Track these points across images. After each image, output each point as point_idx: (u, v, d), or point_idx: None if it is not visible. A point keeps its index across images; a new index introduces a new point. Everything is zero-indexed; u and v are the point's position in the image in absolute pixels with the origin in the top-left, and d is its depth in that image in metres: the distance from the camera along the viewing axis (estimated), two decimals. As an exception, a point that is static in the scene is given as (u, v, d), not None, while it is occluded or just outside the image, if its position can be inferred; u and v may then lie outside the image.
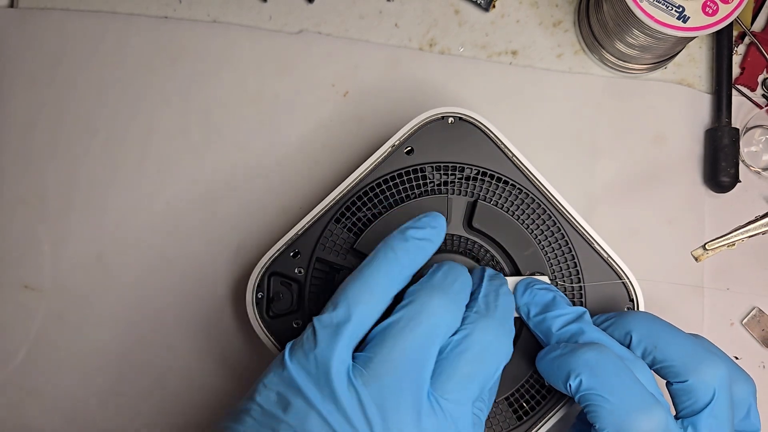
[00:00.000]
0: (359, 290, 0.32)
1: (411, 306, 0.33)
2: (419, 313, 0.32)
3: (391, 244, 0.34)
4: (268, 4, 0.51)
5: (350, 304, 0.32)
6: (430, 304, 0.33)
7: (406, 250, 0.33)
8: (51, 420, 0.47)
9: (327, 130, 0.49)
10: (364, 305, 0.32)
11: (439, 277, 0.34)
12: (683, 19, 0.43)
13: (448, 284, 0.34)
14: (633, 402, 0.33)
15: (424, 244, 0.34)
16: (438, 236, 0.35)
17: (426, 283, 0.34)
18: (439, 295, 0.33)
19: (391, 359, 0.31)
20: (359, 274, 0.33)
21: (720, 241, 0.48)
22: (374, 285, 0.33)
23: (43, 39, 0.50)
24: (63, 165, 0.49)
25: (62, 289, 0.48)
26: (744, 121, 0.50)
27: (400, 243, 0.34)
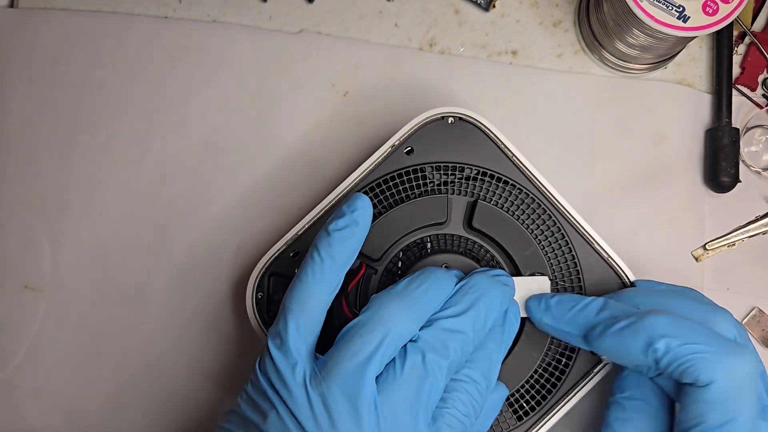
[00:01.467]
0: (292, 299, 0.34)
1: (366, 312, 0.34)
2: (371, 320, 0.33)
3: (315, 244, 0.35)
4: (268, 4, 0.51)
5: (287, 315, 0.34)
6: (382, 310, 0.33)
7: (329, 245, 0.34)
8: (51, 420, 0.47)
9: (327, 130, 0.49)
10: (298, 313, 0.33)
11: (401, 285, 0.35)
12: (683, 19, 0.43)
13: (410, 291, 0.34)
14: (728, 348, 0.34)
15: (347, 231, 0.34)
16: (361, 216, 0.35)
17: (388, 290, 0.35)
18: (395, 301, 0.34)
19: (340, 363, 0.32)
20: (293, 284, 0.34)
21: (720, 241, 0.48)
22: (304, 291, 0.34)
23: (43, 39, 0.50)
24: (63, 165, 0.49)
25: (62, 289, 0.48)
26: (744, 121, 0.50)
27: (323, 241, 0.34)
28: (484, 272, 0.37)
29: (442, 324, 0.34)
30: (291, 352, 0.33)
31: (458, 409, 0.35)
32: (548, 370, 0.41)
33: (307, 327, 0.34)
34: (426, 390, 0.33)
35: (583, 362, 0.41)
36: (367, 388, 0.32)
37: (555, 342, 0.41)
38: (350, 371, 0.32)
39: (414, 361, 0.33)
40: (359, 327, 0.33)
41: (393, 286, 0.35)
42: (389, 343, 0.33)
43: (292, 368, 0.33)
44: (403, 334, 0.33)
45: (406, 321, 0.33)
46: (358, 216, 0.35)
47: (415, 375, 0.33)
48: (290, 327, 0.33)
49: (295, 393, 0.32)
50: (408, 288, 0.34)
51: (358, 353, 0.32)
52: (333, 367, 0.32)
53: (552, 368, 0.41)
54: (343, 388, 0.32)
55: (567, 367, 0.41)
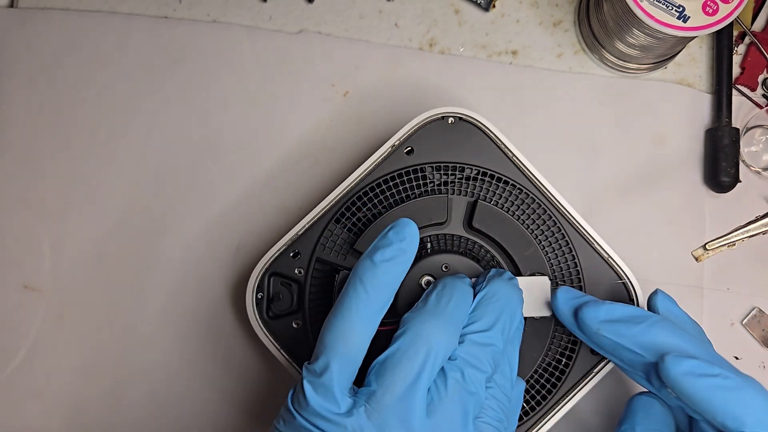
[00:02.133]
0: (335, 338, 0.32)
1: (405, 336, 0.33)
2: (414, 343, 0.32)
3: (360, 276, 0.33)
4: (268, 4, 0.51)
5: (329, 354, 0.32)
6: (423, 331, 0.32)
7: (375, 277, 0.32)
8: (51, 420, 0.47)
9: (327, 130, 0.49)
10: (343, 353, 0.32)
11: (432, 301, 0.34)
12: (683, 19, 0.43)
13: (442, 307, 0.34)
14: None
15: (394, 263, 0.33)
16: (410, 245, 0.34)
17: (420, 309, 0.34)
18: (432, 320, 0.33)
19: (391, 391, 0.31)
20: (334, 317, 0.33)
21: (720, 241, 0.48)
22: (349, 329, 0.32)
23: (44, 39, 0.50)
24: (63, 165, 0.49)
25: (62, 289, 0.48)
26: (744, 121, 0.50)
27: (369, 272, 0.33)
28: (500, 278, 0.37)
29: (475, 338, 0.34)
30: (334, 394, 0.31)
31: (492, 417, 0.35)
32: (548, 370, 0.41)
33: (350, 367, 0.32)
34: (470, 405, 0.33)
35: (583, 362, 0.41)
36: (419, 411, 0.32)
37: (555, 342, 0.41)
38: (402, 397, 0.31)
39: (455, 379, 0.33)
40: (403, 351, 0.32)
41: (422, 303, 0.34)
42: (434, 362, 0.32)
43: (336, 406, 0.31)
44: (446, 351, 0.33)
45: (446, 337, 0.33)
46: (406, 246, 0.33)
47: (457, 392, 0.33)
48: (333, 369, 0.31)
49: (346, 428, 0.31)
50: (440, 304, 0.34)
51: (407, 377, 0.31)
52: (383, 396, 0.31)
53: (552, 368, 0.41)
54: (398, 415, 0.31)
55: (567, 367, 0.41)
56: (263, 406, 0.47)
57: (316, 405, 0.31)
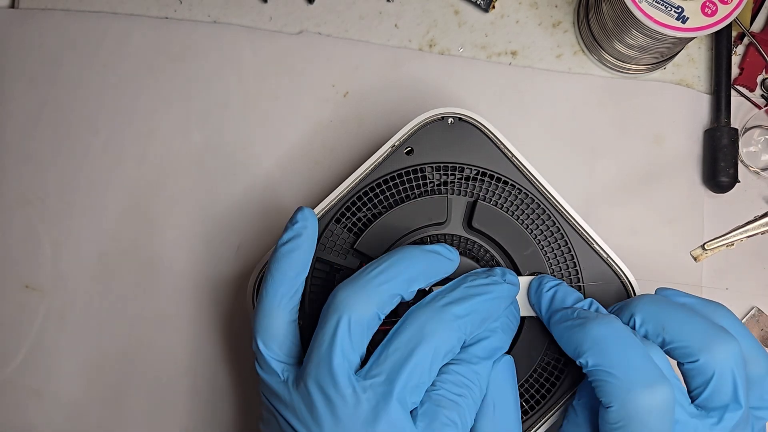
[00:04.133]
0: (258, 321, 0.36)
1: (325, 304, 0.35)
2: (326, 308, 0.34)
3: (268, 266, 0.36)
4: (268, 5, 0.51)
5: (257, 337, 0.36)
6: (333, 299, 0.34)
7: (277, 261, 0.36)
8: (51, 420, 0.47)
9: (327, 130, 0.49)
10: (266, 331, 0.35)
11: (360, 271, 0.35)
12: (682, 20, 0.43)
13: (364, 275, 0.35)
14: (638, 377, 0.34)
15: (291, 244, 0.35)
16: (304, 228, 0.36)
17: (347, 279, 0.35)
18: (348, 287, 0.34)
19: (311, 355, 0.34)
20: (256, 305, 0.36)
21: (719, 241, 0.48)
22: (265, 310, 0.35)
23: (44, 39, 0.50)
24: (64, 165, 0.49)
25: (63, 289, 0.48)
26: (743, 122, 0.50)
27: (272, 258, 0.36)
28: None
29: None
30: (271, 367, 0.35)
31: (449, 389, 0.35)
32: (547, 370, 0.41)
33: (275, 341, 0.35)
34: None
35: (583, 362, 0.41)
36: (340, 375, 0.33)
37: (554, 342, 0.41)
38: (317, 364, 0.33)
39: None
40: (320, 319, 0.34)
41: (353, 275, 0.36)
42: (344, 327, 0.33)
43: (276, 380, 0.35)
44: (360, 316, 0.34)
45: (357, 302, 0.34)
46: (299, 228, 0.36)
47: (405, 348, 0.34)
48: (260, 346, 0.35)
49: (285, 401, 0.34)
50: (364, 271, 0.35)
51: (321, 345, 0.33)
52: (304, 366, 0.34)
53: (551, 368, 0.41)
54: (316, 381, 0.33)
55: (566, 367, 0.41)
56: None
57: (266, 380, 0.35)
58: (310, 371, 0.33)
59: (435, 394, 0.34)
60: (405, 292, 0.35)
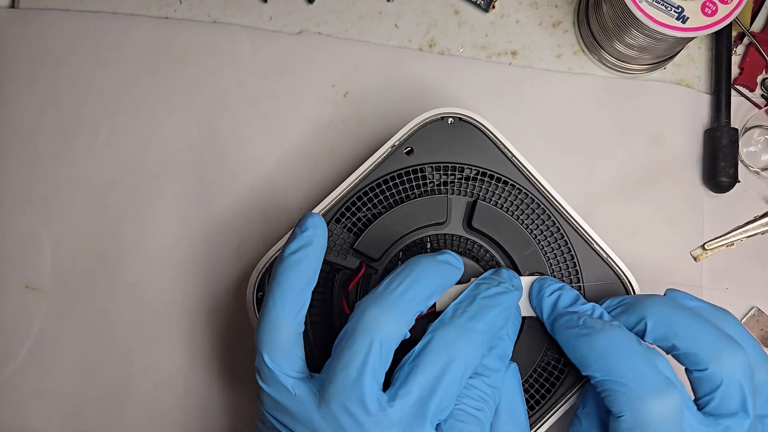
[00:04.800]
0: (264, 333, 0.34)
1: (351, 320, 0.33)
2: (354, 328, 0.33)
3: (274, 274, 0.34)
4: (268, 5, 0.51)
5: (263, 350, 0.33)
6: (363, 317, 0.33)
7: (286, 270, 0.34)
8: (51, 420, 0.47)
9: (327, 130, 0.49)
10: (273, 345, 0.33)
11: (382, 286, 0.34)
12: (682, 20, 0.43)
13: (390, 292, 0.33)
14: (648, 386, 0.34)
15: (301, 254, 0.34)
16: (314, 236, 0.34)
17: (369, 294, 0.34)
18: (376, 305, 0.33)
19: (334, 377, 0.32)
20: (260, 315, 0.34)
21: (719, 241, 0.49)
22: (272, 322, 0.33)
23: (44, 39, 0.50)
24: (64, 165, 0.49)
25: (63, 289, 0.48)
26: (743, 122, 0.50)
27: (279, 267, 0.34)
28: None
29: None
30: (279, 382, 0.33)
31: (469, 404, 0.35)
32: (547, 370, 0.41)
33: (282, 355, 0.33)
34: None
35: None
36: (370, 399, 0.32)
37: (554, 342, 0.41)
38: (347, 387, 0.32)
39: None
40: (347, 338, 0.33)
41: (375, 287, 0.34)
42: (377, 350, 0.32)
43: (287, 397, 0.33)
44: (391, 337, 0.33)
45: (389, 324, 0.33)
46: (310, 236, 0.34)
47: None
48: (266, 361, 0.33)
49: (300, 418, 0.32)
50: (388, 288, 0.34)
51: (349, 366, 0.32)
52: (329, 385, 0.32)
53: (551, 368, 0.41)
54: (344, 404, 0.32)
55: (566, 367, 0.41)
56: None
57: (274, 396, 0.33)
58: (337, 393, 0.32)
59: (456, 410, 0.34)
60: (425, 308, 0.35)
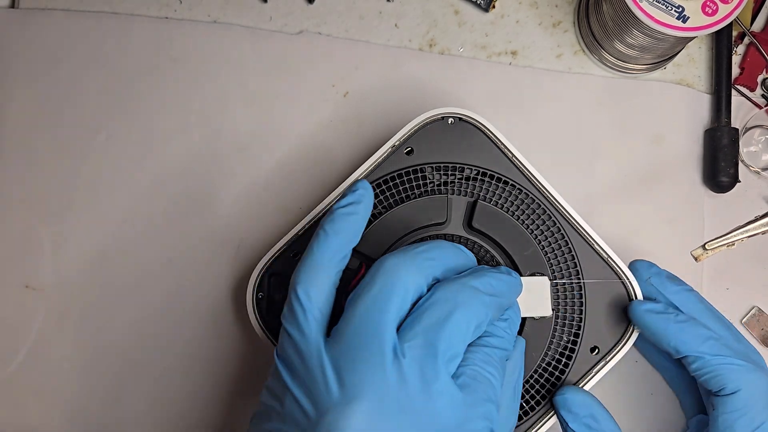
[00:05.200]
0: (301, 274, 0.34)
1: (369, 271, 0.34)
2: (374, 273, 0.33)
3: (321, 224, 0.35)
4: (268, 5, 0.51)
5: (297, 288, 0.33)
6: (383, 263, 0.33)
7: (332, 222, 0.35)
8: (51, 420, 0.47)
9: (327, 130, 0.49)
10: (308, 284, 0.33)
11: (406, 246, 0.35)
12: (683, 19, 0.43)
13: (412, 248, 0.34)
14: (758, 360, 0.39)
15: (349, 209, 0.35)
16: (362, 196, 0.36)
17: (391, 251, 0.35)
18: (395, 255, 0.34)
19: (351, 319, 0.32)
20: (301, 259, 0.35)
21: (720, 241, 0.48)
22: (313, 263, 0.34)
23: (44, 39, 0.50)
24: (64, 165, 0.49)
25: (63, 289, 0.48)
26: (743, 121, 0.50)
27: (327, 219, 0.35)
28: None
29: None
30: (307, 321, 0.33)
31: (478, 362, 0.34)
32: (548, 370, 0.41)
33: (318, 295, 0.33)
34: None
35: (582, 362, 0.41)
36: (386, 339, 0.31)
37: (554, 342, 0.41)
38: (367, 325, 0.32)
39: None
40: (366, 283, 0.33)
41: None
42: (400, 292, 0.32)
43: (306, 338, 0.32)
44: (409, 285, 0.33)
45: (410, 273, 0.33)
46: (359, 195, 0.36)
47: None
48: (301, 296, 0.33)
49: (312, 361, 0.32)
50: (408, 246, 0.35)
51: (371, 306, 0.32)
52: (344, 327, 0.32)
53: (552, 368, 0.41)
54: (360, 343, 0.31)
55: (567, 368, 0.41)
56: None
57: (294, 337, 0.33)
58: (350, 334, 0.32)
59: (469, 370, 0.33)
60: (441, 276, 0.35)
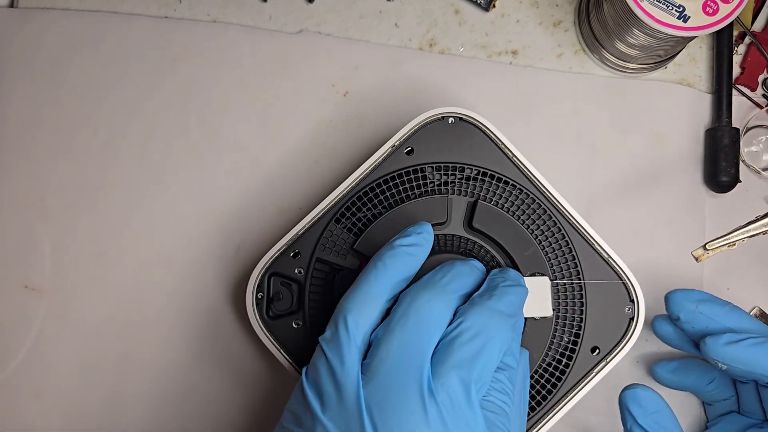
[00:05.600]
0: (353, 301, 0.34)
1: (399, 306, 0.34)
2: (406, 311, 0.33)
3: (380, 256, 0.35)
4: (268, 4, 0.51)
5: (346, 316, 0.33)
6: (415, 300, 0.34)
7: (393, 257, 0.35)
8: (51, 420, 0.47)
9: (327, 130, 0.49)
10: (359, 314, 0.33)
11: (427, 276, 0.35)
12: (683, 19, 0.43)
13: (436, 280, 0.35)
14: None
15: (411, 249, 0.36)
16: (425, 240, 0.36)
17: (415, 283, 0.35)
18: (424, 290, 0.34)
19: (385, 358, 0.32)
20: (353, 288, 0.35)
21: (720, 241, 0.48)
22: (366, 294, 0.34)
23: (44, 39, 0.50)
24: (63, 165, 0.49)
25: (62, 289, 0.48)
26: (744, 121, 0.50)
27: (388, 252, 0.35)
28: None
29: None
30: (350, 352, 0.32)
31: (496, 397, 0.35)
32: (548, 371, 0.41)
33: (365, 328, 0.33)
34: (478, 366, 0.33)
35: (583, 362, 0.41)
36: (424, 377, 0.31)
37: (555, 342, 0.41)
38: (402, 362, 0.32)
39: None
40: (398, 319, 0.33)
41: (418, 280, 0.35)
42: (436, 326, 0.33)
43: (347, 370, 0.32)
44: (443, 318, 0.33)
45: (443, 308, 0.34)
46: (423, 239, 0.36)
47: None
48: (351, 326, 0.33)
49: (348, 395, 0.31)
50: (434, 278, 0.35)
51: (407, 343, 0.32)
52: (378, 364, 0.32)
53: (552, 369, 0.41)
54: (397, 380, 0.31)
55: (567, 368, 0.41)
56: (263, 405, 0.47)
57: (334, 364, 0.32)
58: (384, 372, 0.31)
59: (485, 401, 0.34)
60: (463, 301, 0.35)
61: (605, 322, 0.42)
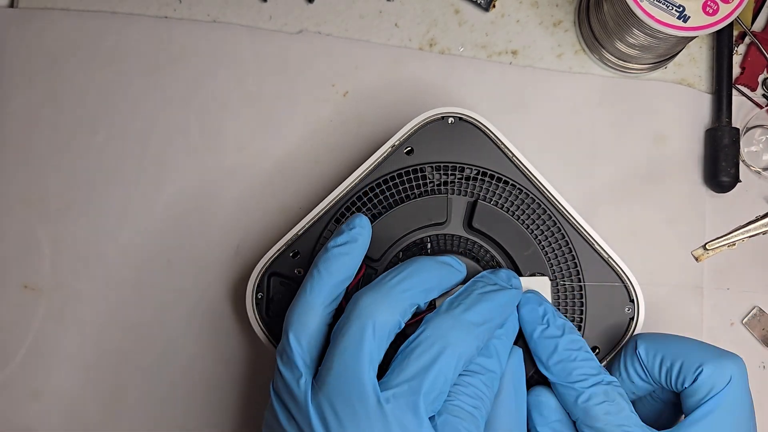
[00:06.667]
0: (294, 313, 0.35)
1: (346, 310, 0.34)
2: (349, 315, 0.33)
3: (315, 262, 0.35)
4: (268, 4, 0.51)
5: (288, 330, 0.34)
6: (357, 304, 0.33)
7: (326, 261, 0.35)
8: (51, 420, 0.47)
9: (327, 130, 0.49)
10: (299, 326, 0.34)
11: (380, 276, 0.35)
12: (683, 19, 0.43)
13: (385, 281, 0.34)
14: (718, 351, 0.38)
15: (344, 248, 0.35)
16: (359, 234, 0.36)
17: (366, 285, 0.35)
18: (369, 292, 0.34)
19: (330, 366, 0.32)
20: (295, 298, 0.35)
21: (720, 241, 0.48)
22: (304, 305, 0.34)
23: (43, 39, 0.50)
24: (63, 165, 0.49)
25: (62, 289, 0.48)
26: (744, 121, 0.50)
27: (322, 257, 0.35)
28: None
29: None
30: (295, 365, 0.33)
31: (464, 400, 0.35)
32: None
33: (308, 340, 0.34)
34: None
35: (583, 362, 0.41)
36: (368, 385, 0.32)
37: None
38: (341, 373, 0.32)
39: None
40: (341, 325, 0.33)
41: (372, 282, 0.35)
42: (370, 334, 0.32)
43: (296, 381, 0.33)
44: (384, 324, 0.33)
45: (383, 312, 0.33)
46: (356, 234, 0.36)
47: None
48: (291, 340, 0.34)
49: (301, 406, 0.33)
50: (384, 279, 0.35)
51: (343, 352, 0.32)
52: (326, 373, 0.32)
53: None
54: (341, 392, 0.32)
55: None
56: (262, 405, 0.47)
57: (286, 378, 0.33)
58: (333, 380, 0.32)
59: (452, 405, 0.34)
60: (422, 302, 0.35)
61: (605, 322, 0.42)
